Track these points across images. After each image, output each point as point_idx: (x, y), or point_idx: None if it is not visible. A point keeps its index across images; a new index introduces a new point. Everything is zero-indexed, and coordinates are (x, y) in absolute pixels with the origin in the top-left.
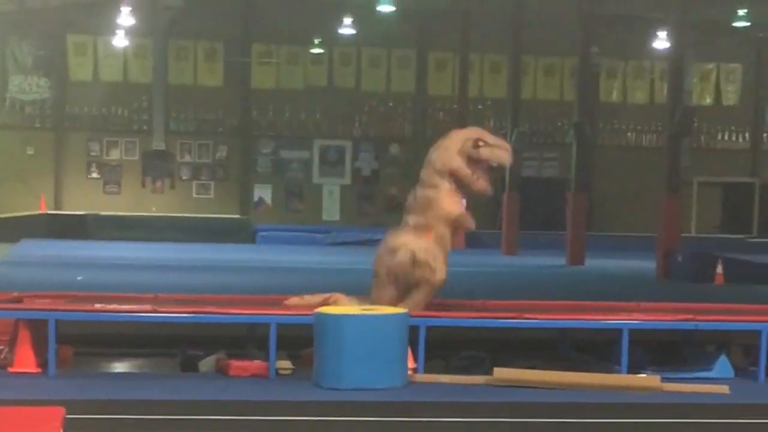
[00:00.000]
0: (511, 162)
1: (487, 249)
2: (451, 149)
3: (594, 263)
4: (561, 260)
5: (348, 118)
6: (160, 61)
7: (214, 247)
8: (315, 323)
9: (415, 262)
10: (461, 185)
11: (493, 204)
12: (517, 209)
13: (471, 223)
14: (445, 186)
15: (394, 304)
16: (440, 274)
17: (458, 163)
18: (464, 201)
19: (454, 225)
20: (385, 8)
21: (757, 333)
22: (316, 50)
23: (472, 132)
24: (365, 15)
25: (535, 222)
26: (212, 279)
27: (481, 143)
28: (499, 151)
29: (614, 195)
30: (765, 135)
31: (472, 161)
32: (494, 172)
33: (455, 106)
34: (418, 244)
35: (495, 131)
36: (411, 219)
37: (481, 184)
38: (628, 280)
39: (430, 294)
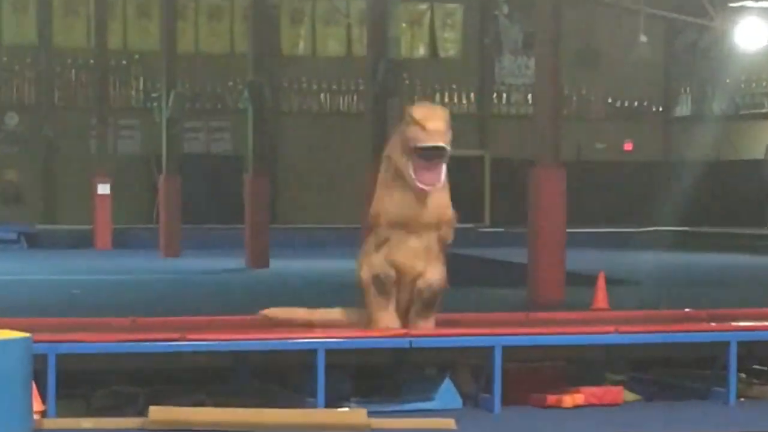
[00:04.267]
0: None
1: (140, 249)
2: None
3: (281, 264)
4: (239, 262)
5: None
6: None
7: None
8: None
9: None
10: None
11: (148, 191)
12: (178, 197)
13: None
14: None
15: None
16: None
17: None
18: None
19: None
20: None
21: (490, 350)
22: None
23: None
24: None
25: (203, 214)
26: None
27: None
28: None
29: (304, 176)
30: (495, 96)
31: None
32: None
33: (92, 61)
34: None
35: (145, 94)
36: None
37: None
38: (325, 285)
39: None
